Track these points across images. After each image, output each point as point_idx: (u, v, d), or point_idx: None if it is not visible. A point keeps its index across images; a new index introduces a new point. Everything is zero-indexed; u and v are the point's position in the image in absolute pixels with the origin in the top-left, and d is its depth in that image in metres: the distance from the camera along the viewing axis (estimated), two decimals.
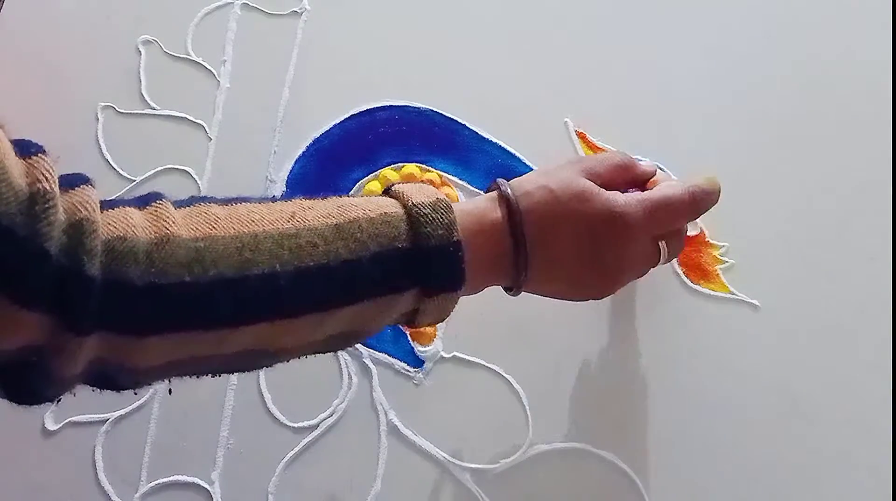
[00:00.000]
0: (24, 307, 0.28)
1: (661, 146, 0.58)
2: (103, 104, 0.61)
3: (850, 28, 0.61)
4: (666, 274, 0.55)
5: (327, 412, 0.53)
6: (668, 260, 0.49)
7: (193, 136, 0.61)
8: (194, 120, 0.61)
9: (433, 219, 0.38)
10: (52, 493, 0.52)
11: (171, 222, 0.32)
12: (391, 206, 0.38)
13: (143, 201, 0.34)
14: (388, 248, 0.37)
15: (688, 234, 0.56)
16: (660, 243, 0.46)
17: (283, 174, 0.59)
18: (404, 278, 0.38)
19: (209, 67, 0.63)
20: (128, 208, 0.32)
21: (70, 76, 0.63)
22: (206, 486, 0.52)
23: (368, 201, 0.38)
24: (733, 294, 0.55)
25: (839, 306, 0.54)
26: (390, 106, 0.61)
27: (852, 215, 0.56)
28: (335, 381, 0.54)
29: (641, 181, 0.49)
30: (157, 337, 0.32)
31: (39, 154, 0.30)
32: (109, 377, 0.34)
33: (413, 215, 0.38)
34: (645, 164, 0.49)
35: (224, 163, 0.60)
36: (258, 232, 0.34)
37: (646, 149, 0.58)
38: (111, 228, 0.31)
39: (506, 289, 0.45)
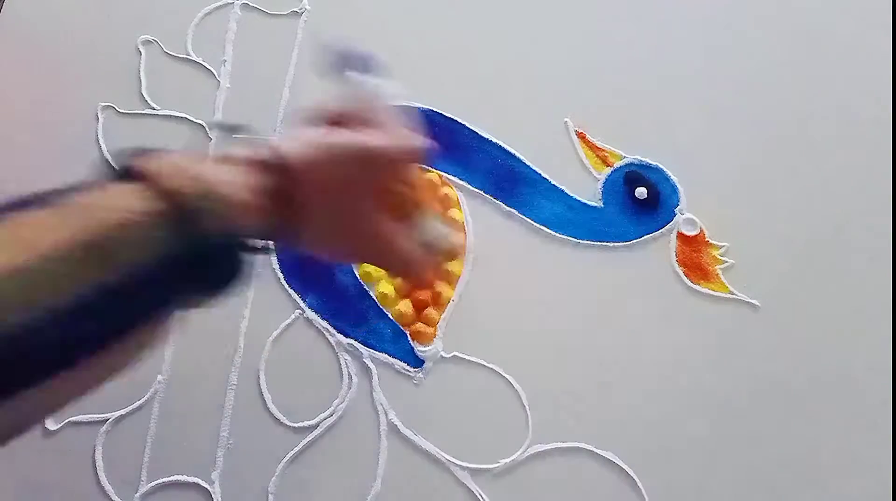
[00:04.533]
0: None
1: (661, 146, 0.58)
2: (103, 104, 0.61)
3: (851, 28, 0.61)
4: (666, 274, 0.55)
5: (327, 412, 0.53)
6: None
7: (193, 136, 0.61)
8: (194, 120, 0.61)
9: (206, 211, 0.31)
10: (52, 493, 0.52)
11: None
12: (147, 202, 0.31)
13: None
14: (152, 255, 0.30)
15: (687, 234, 0.56)
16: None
17: None
18: (173, 286, 0.31)
19: (209, 67, 0.63)
20: None
21: (70, 76, 0.63)
22: (206, 486, 0.52)
23: (115, 197, 0.31)
24: (733, 294, 0.55)
25: (839, 306, 0.54)
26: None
27: (852, 215, 0.56)
28: (335, 381, 0.54)
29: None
30: None
31: None
32: None
33: (181, 210, 0.31)
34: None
35: None
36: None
37: (646, 149, 0.58)
38: None
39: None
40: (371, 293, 0.57)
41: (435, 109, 0.60)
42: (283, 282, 0.57)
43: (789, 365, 0.53)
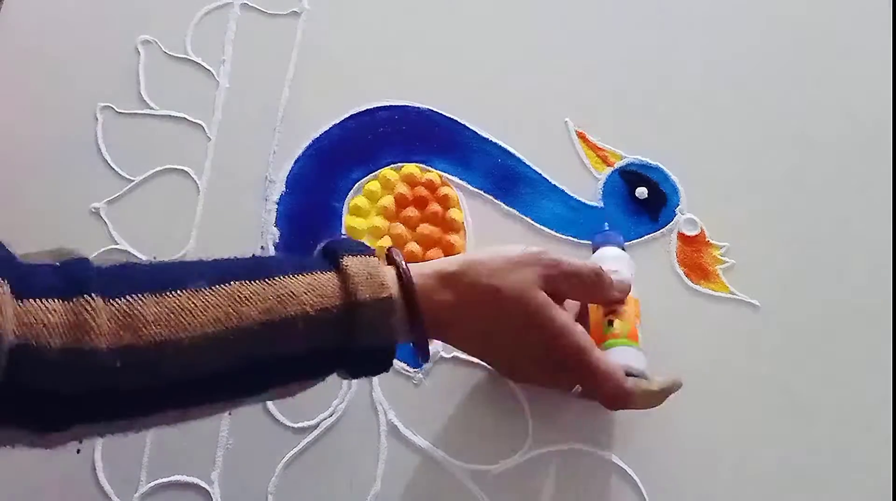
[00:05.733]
0: None
1: (661, 146, 0.58)
2: (102, 104, 0.61)
3: (851, 28, 0.61)
4: (666, 274, 0.55)
5: (327, 412, 0.53)
6: (576, 396, 0.49)
7: (192, 136, 0.61)
8: (193, 120, 0.61)
9: (374, 324, 0.37)
10: (52, 493, 0.52)
11: (91, 333, 0.30)
12: (333, 298, 0.36)
13: (70, 285, 0.31)
14: (321, 348, 0.36)
15: (688, 234, 0.56)
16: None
17: (283, 174, 0.59)
18: (334, 368, 0.39)
19: (208, 67, 0.62)
20: (48, 305, 0.30)
21: (70, 76, 0.62)
22: (206, 486, 0.52)
23: (312, 288, 0.36)
24: (733, 294, 0.55)
25: (839, 306, 0.54)
26: (390, 106, 0.61)
27: (852, 215, 0.56)
28: (335, 381, 0.54)
29: (606, 304, 0.49)
30: (60, 432, 0.32)
31: None
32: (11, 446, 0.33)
33: (354, 314, 0.37)
34: (618, 280, 0.48)
35: (223, 163, 0.60)
36: (184, 339, 0.32)
37: (646, 149, 0.58)
38: (25, 329, 0.29)
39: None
40: None
41: (435, 109, 0.60)
42: None
43: (789, 365, 0.53)
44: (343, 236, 0.52)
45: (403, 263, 0.40)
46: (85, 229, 0.58)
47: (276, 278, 0.36)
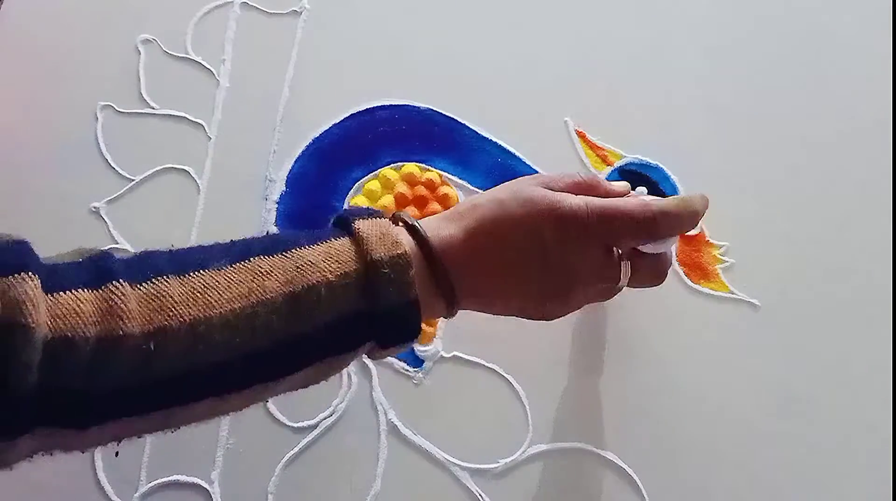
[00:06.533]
0: None
1: (661, 146, 0.58)
2: (102, 103, 0.61)
3: (851, 28, 0.61)
4: None
5: (327, 412, 0.53)
6: (636, 284, 0.45)
7: (193, 135, 0.61)
8: (194, 119, 0.61)
9: (392, 280, 0.37)
10: (51, 493, 0.52)
11: (123, 318, 0.31)
12: (350, 262, 0.37)
13: (97, 275, 0.32)
14: (345, 314, 0.36)
15: (688, 233, 0.56)
16: (622, 262, 0.43)
17: (283, 173, 0.59)
18: (360, 340, 0.38)
19: (209, 67, 0.62)
20: (79, 295, 0.30)
21: (70, 76, 0.62)
22: (206, 486, 0.52)
23: (329, 256, 0.37)
24: (733, 294, 0.55)
25: (839, 306, 0.54)
26: (390, 106, 0.61)
27: (852, 215, 0.56)
28: (335, 381, 0.54)
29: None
30: (99, 427, 0.32)
31: None
32: (48, 453, 0.34)
33: (372, 274, 0.36)
34: (617, 185, 0.47)
35: (223, 162, 0.60)
36: (213, 316, 0.33)
37: (646, 149, 0.58)
38: (58, 323, 0.29)
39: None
40: None
41: (435, 109, 0.60)
42: None
43: (789, 365, 0.53)
44: (351, 206, 0.52)
45: (411, 219, 0.41)
46: (85, 228, 0.58)
47: (294, 251, 0.36)
